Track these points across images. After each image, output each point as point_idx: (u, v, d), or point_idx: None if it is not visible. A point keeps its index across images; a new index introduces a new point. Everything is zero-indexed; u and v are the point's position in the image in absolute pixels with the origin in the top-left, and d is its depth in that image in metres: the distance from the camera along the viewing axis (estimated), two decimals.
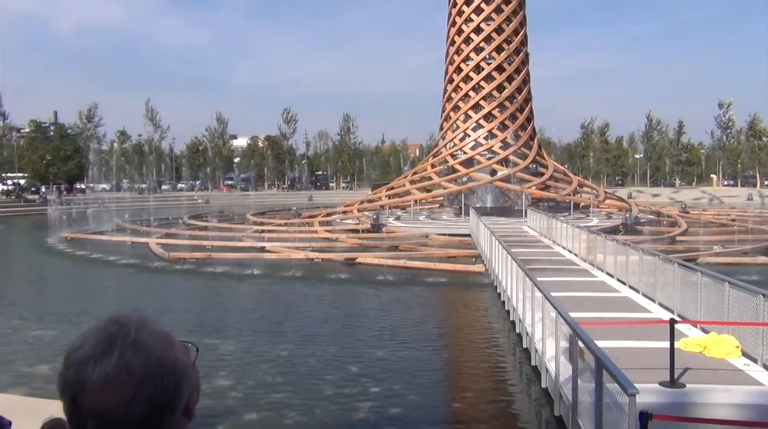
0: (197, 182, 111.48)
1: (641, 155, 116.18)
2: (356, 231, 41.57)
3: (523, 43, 51.52)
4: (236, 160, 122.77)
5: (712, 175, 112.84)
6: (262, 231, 43.19)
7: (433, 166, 53.26)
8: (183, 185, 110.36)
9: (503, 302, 18.54)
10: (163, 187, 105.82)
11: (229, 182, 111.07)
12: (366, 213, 47.52)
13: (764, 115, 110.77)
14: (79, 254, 34.59)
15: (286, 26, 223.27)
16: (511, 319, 16.43)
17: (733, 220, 50.66)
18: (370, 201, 53.62)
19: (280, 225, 46.97)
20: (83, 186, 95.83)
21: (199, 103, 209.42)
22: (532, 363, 12.57)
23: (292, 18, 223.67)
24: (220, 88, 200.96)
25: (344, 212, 51.31)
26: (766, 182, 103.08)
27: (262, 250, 33.03)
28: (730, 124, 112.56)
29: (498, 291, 20.11)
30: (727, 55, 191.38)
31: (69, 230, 42.40)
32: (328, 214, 51.56)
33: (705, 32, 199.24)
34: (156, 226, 47.68)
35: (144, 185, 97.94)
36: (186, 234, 42.54)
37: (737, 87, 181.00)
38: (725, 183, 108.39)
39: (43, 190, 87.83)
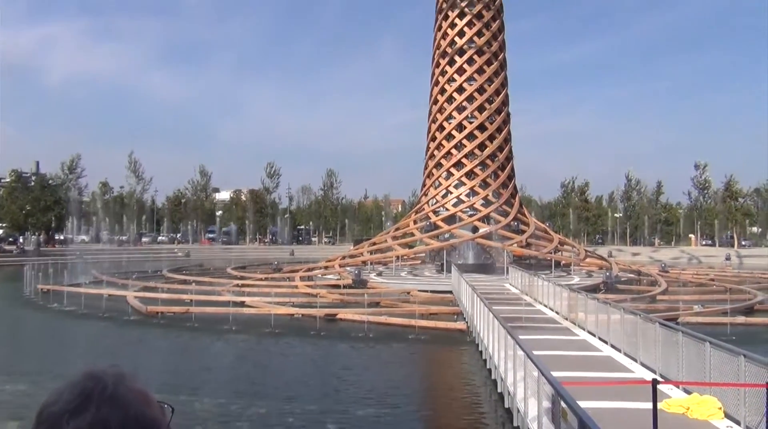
0: (178, 235, 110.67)
1: (621, 214, 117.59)
2: (337, 286, 41.29)
3: (505, 103, 52.60)
4: (218, 213, 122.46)
5: (690, 235, 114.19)
6: (243, 285, 42.74)
7: (415, 222, 53.46)
8: (163, 238, 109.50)
9: (485, 360, 18.35)
10: (144, 239, 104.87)
11: (211, 235, 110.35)
12: (347, 268, 47.30)
13: (740, 177, 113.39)
14: (55, 307, 33.93)
15: (272, 83, 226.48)
16: (493, 377, 16.24)
17: (712, 279, 51.07)
18: (351, 256, 53.46)
19: (261, 279, 46.54)
20: (62, 237, 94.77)
21: (184, 155, 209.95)
22: (514, 423, 12.38)
23: (279, 75, 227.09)
24: (204, 142, 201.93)
25: (326, 267, 51.05)
26: (743, 242, 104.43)
27: (242, 304, 32.63)
28: (706, 184, 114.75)
29: (480, 349, 19.92)
30: (703, 118, 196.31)
31: (45, 282, 41.68)
32: (310, 269, 51.25)
33: (682, 97, 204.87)
34: (134, 278, 47.03)
35: (124, 237, 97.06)
36: (165, 287, 41.88)
37: (713, 148, 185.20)
38: (703, 243, 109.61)
39: (21, 240, 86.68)
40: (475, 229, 49.65)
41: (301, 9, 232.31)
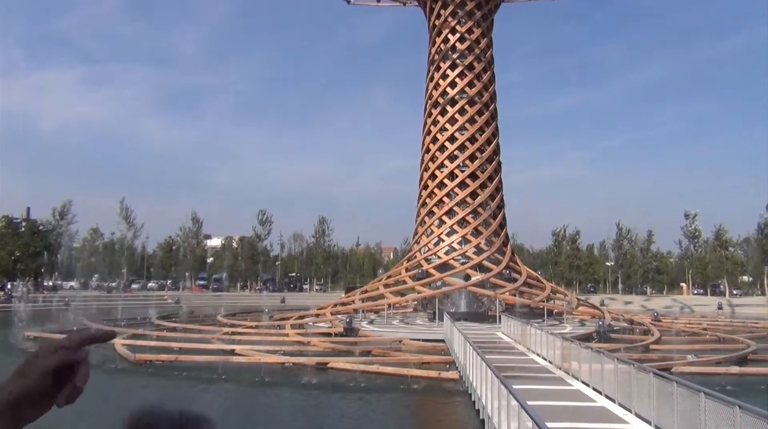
0: (168, 282, 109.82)
1: (612, 263, 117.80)
2: (329, 334, 40.86)
3: (496, 152, 53.14)
4: (209, 260, 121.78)
5: (682, 284, 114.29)
6: (233, 333, 42.25)
7: (407, 269, 53.30)
8: (153, 284, 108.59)
9: (478, 410, 18.07)
10: (133, 286, 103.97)
11: (201, 282, 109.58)
12: (339, 316, 46.92)
13: (729, 226, 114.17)
14: None
15: (266, 129, 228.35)
16: (486, 428, 15.96)
17: (705, 329, 50.93)
18: (343, 304, 53.10)
19: (251, 327, 46.04)
20: (51, 283, 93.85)
21: (176, 202, 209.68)
22: None
23: (273, 122, 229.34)
24: (197, 188, 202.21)
25: (317, 315, 50.64)
26: (734, 292, 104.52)
27: (232, 352, 32.19)
28: (696, 234, 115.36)
29: (473, 399, 19.64)
30: (692, 167, 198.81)
31: (33, 329, 41.06)
32: (301, 317, 50.80)
33: (671, 146, 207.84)
34: (123, 325, 46.46)
35: (113, 284, 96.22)
36: (154, 335, 41.41)
37: (703, 197, 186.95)
38: (695, 292, 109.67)
39: (9, 286, 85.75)
40: (467, 277, 49.52)
41: (296, 56, 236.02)
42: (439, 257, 51.16)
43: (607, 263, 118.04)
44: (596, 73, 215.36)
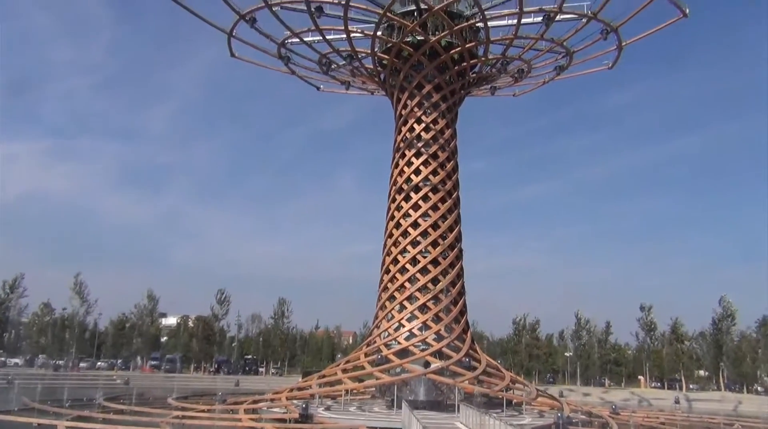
0: (118, 361, 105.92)
1: (571, 353, 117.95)
2: (284, 420, 39.76)
3: (458, 239, 53.83)
4: (163, 339, 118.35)
5: (639, 377, 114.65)
6: (183, 417, 40.79)
7: (366, 354, 52.59)
8: (102, 363, 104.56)
9: None
10: (81, 364, 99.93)
11: (153, 363, 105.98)
12: (295, 401, 45.72)
13: (685, 320, 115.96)
14: None
15: (229, 210, 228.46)
16: None
17: (663, 423, 50.95)
18: (300, 389, 51.85)
19: (203, 411, 44.54)
20: None
21: (132, 278, 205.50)
22: None
23: (237, 203, 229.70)
24: (156, 265, 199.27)
25: (272, 400, 49.27)
26: (691, 386, 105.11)
27: None
28: (652, 326, 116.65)
29: None
30: (646, 260, 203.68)
31: None
32: (255, 401, 49.34)
33: (626, 239, 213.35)
34: (68, 407, 44.49)
35: (61, 362, 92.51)
36: (100, 417, 39.73)
37: (659, 290, 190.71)
38: (653, 385, 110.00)
39: None
40: (427, 364, 49.02)
41: (263, 138, 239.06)
42: (399, 343, 50.70)
43: (566, 353, 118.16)
44: (557, 166, 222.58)
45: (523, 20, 49.38)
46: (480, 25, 51.57)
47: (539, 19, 49.62)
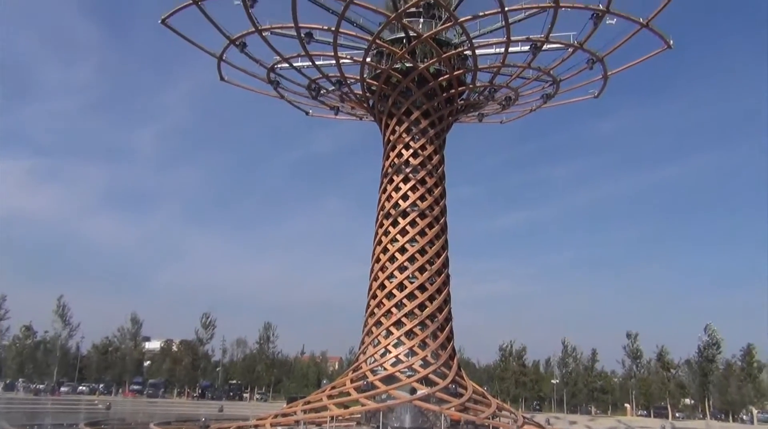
0: (100, 386, 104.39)
1: (558, 381, 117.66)
2: None
3: (445, 264, 53.81)
4: (147, 363, 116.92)
5: (626, 405, 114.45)
6: None
7: (352, 381, 52.17)
8: (84, 388, 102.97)
9: None
10: (63, 389, 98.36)
11: (136, 387, 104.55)
12: (279, 427, 45.20)
13: (671, 348, 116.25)
14: None
15: (217, 233, 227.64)
16: None
17: None
18: (284, 415, 51.25)
19: None
20: None
21: (117, 301, 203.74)
22: None
23: (224, 226, 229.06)
24: (140, 289, 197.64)
25: (256, 426, 48.70)
26: (677, 414, 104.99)
27: None
28: (638, 354, 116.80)
29: None
30: (632, 287, 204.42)
31: None
32: (239, 427, 48.74)
33: (613, 266, 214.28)
34: None
35: (41, 386, 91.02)
36: None
37: (646, 317, 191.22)
38: (639, 413, 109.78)
39: None
40: (413, 391, 48.68)
41: (251, 162, 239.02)
42: (385, 369, 50.33)
43: (552, 381, 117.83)
44: (543, 193, 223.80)
45: (511, 49, 49.95)
46: (468, 52, 52.16)
47: (526, 48, 50.30)
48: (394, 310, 51.55)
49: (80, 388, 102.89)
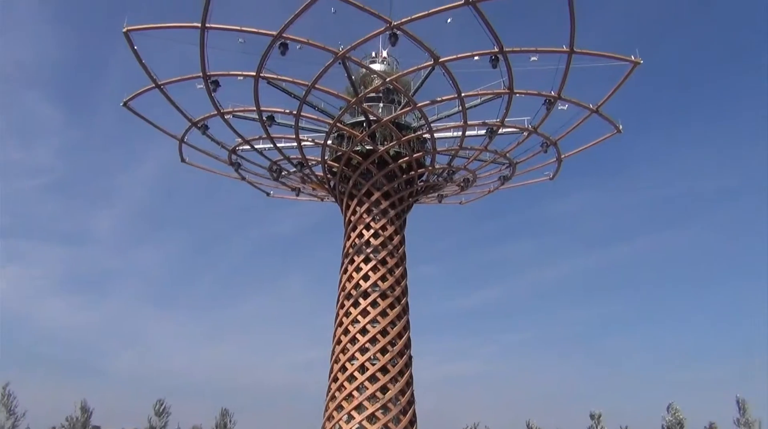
0: None
1: None
2: None
3: (407, 345, 53.24)
4: None
5: None
6: None
7: None
8: None
9: None
10: None
11: None
12: None
13: (635, 427, 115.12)
14: None
15: (174, 315, 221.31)
16: None
17: None
18: None
19: None
20: None
21: (67, 388, 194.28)
22: None
23: (182, 308, 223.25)
24: (93, 374, 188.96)
25: None
26: None
27: None
28: None
29: None
30: (596, 364, 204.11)
31: None
32: None
33: (576, 343, 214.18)
34: None
35: None
36: None
37: (608, 396, 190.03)
38: None
39: None
40: None
41: (210, 243, 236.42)
42: None
43: None
44: (505, 271, 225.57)
45: (468, 132, 51.43)
46: (427, 136, 53.49)
47: (483, 131, 51.84)
48: (355, 393, 50.47)
49: None
